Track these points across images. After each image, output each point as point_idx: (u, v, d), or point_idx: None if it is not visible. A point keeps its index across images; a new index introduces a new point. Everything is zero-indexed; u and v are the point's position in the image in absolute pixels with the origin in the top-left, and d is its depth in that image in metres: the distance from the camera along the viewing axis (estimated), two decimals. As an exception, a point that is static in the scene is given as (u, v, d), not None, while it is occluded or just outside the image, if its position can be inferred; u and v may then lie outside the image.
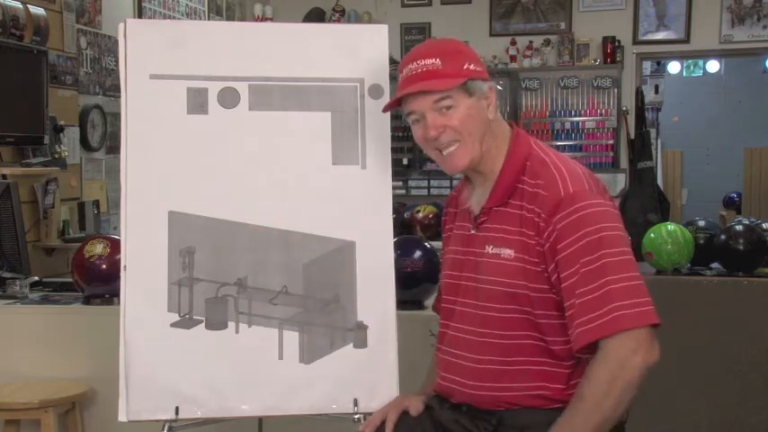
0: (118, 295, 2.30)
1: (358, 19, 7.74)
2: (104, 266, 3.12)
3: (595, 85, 7.45)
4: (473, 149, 1.91)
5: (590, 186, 1.82)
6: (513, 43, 7.56)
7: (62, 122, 4.96)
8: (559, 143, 7.46)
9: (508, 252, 1.84)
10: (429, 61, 1.88)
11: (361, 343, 2.29)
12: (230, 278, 2.28)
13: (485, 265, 1.88)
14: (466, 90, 1.88)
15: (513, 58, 7.53)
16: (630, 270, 1.75)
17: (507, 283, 1.84)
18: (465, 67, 1.88)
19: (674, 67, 9.40)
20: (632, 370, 1.70)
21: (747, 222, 4.10)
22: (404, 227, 5.82)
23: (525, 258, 1.82)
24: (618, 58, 7.40)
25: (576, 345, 1.75)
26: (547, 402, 1.84)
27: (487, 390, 1.88)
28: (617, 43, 7.41)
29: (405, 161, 7.63)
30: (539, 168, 1.86)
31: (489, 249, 1.88)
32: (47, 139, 4.70)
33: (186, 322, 2.26)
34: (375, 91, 2.34)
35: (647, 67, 8.56)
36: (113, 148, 5.60)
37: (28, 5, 4.75)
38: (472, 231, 1.94)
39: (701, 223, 3.99)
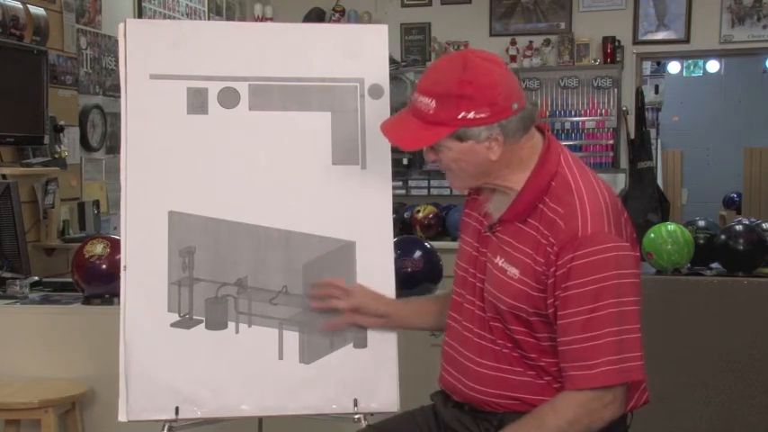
0: (118, 295, 2.30)
1: (358, 19, 7.73)
2: (104, 266, 3.12)
3: (595, 85, 7.44)
4: (468, 183, 1.90)
5: (609, 227, 1.75)
6: (513, 43, 7.55)
7: (62, 122, 4.96)
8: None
9: (514, 271, 1.80)
10: (425, 100, 1.77)
11: (361, 343, 2.28)
12: (230, 278, 2.27)
13: (491, 274, 1.87)
14: (457, 137, 1.78)
15: (513, 59, 7.52)
16: (630, 322, 1.73)
17: (506, 302, 1.82)
18: (460, 116, 1.74)
19: (674, 67, 9.40)
20: (599, 421, 1.74)
21: (747, 222, 4.11)
22: (404, 227, 5.82)
23: (528, 282, 1.78)
24: (618, 58, 7.40)
25: (565, 383, 1.76)
26: None
27: (484, 393, 1.88)
28: (617, 43, 7.40)
29: (405, 161, 7.62)
30: (562, 193, 1.79)
31: (499, 261, 1.85)
32: (47, 139, 4.70)
33: (186, 322, 2.25)
34: (375, 91, 2.34)
35: (647, 67, 8.55)
36: (113, 148, 5.60)
37: (28, 5, 4.75)
38: (486, 233, 1.91)
39: (701, 223, 4.00)
